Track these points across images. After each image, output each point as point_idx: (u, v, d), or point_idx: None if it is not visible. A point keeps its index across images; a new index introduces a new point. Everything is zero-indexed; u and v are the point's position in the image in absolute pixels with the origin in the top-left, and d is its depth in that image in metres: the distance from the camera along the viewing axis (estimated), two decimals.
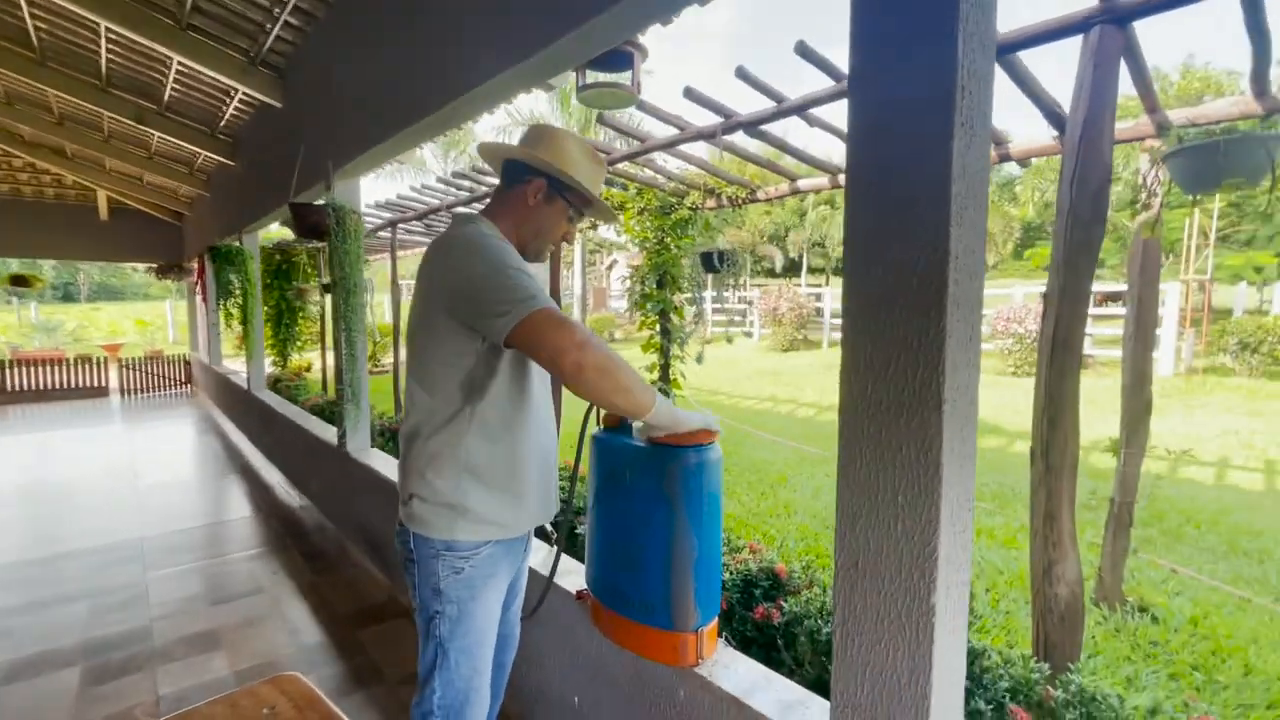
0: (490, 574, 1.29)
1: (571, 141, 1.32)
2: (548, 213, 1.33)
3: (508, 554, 1.33)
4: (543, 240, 1.35)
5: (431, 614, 1.27)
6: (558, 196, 1.32)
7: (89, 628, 2.71)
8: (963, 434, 0.91)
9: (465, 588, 1.26)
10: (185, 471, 5.47)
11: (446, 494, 1.24)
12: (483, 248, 1.16)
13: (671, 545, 1.28)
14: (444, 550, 1.25)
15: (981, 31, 0.87)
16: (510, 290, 1.10)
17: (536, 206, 1.31)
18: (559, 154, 1.29)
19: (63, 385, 9.75)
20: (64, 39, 4.41)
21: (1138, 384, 2.62)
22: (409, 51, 2.53)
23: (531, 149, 1.30)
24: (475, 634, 1.29)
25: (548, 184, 1.30)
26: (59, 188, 9.04)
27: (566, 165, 1.29)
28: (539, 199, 1.31)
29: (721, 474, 1.36)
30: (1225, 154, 1.60)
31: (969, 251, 0.88)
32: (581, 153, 1.32)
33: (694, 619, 1.29)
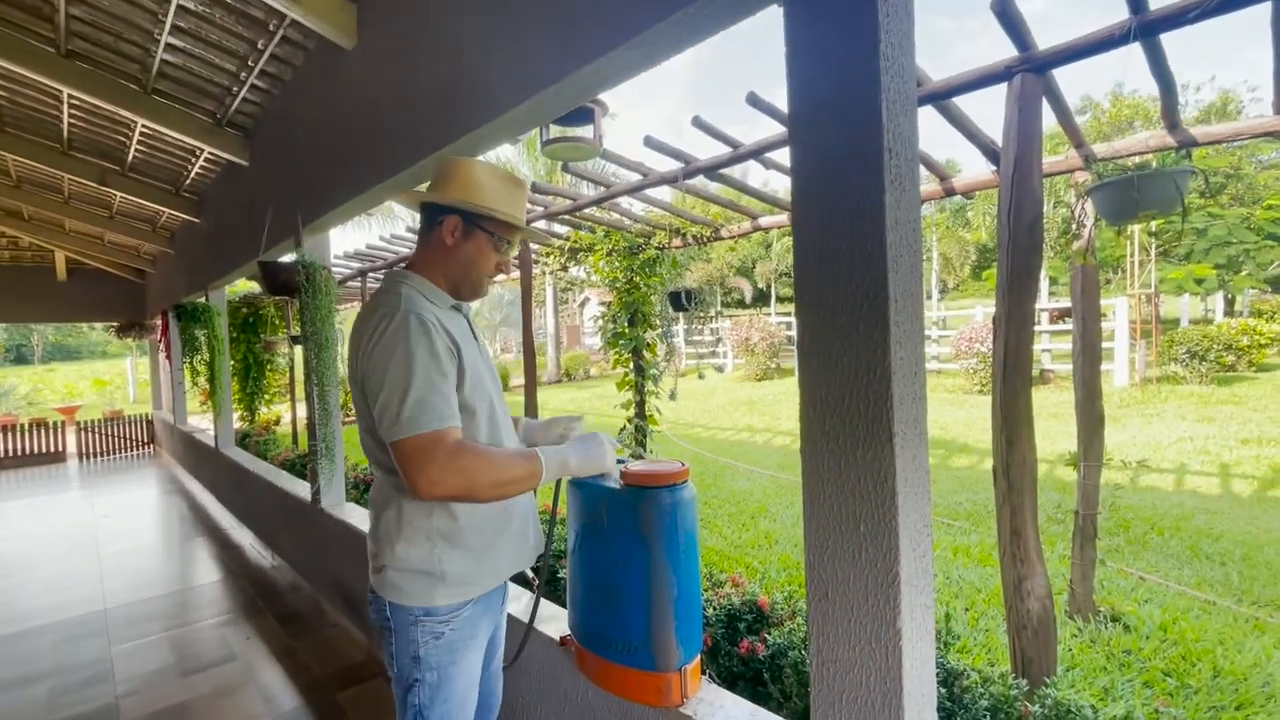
0: (471, 635, 1.27)
1: (479, 169, 1.29)
2: (470, 248, 1.29)
3: (487, 611, 1.31)
4: (473, 277, 1.31)
5: (411, 682, 1.23)
6: (475, 229, 1.28)
7: (51, 710, 2.58)
8: (915, 462, 0.98)
9: (446, 652, 1.23)
10: (150, 536, 5.28)
11: (420, 563, 1.21)
12: (397, 342, 1.12)
13: (650, 585, 1.31)
14: (422, 616, 1.22)
15: (903, 97, 0.97)
16: (401, 402, 1.09)
17: (456, 245, 1.29)
18: (467, 186, 1.27)
19: (17, 452, 9.35)
20: (24, 105, 4.41)
21: (1089, 398, 2.75)
22: (376, 111, 2.61)
23: (439, 187, 1.28)
24: (456, 699, 1.26)
25: (461, 219, 1.28)
26: (15, 250, 8.85)
27: (475, 195, 1.26)
28: (456, 236, 1.28)
29: (696, 511, 1.40)
30: (1139, 188, 1.74)
31: (907, 295, 0.96)
32: (492, 178, 1.29)
33: (676, 658, 1.32)
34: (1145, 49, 1.89)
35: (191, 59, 3.47)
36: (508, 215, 1.29)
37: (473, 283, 1.32)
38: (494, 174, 1.30)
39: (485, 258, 1.31)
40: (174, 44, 3.32)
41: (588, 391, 15.05)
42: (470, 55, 2.02)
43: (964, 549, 3.90)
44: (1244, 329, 9.90)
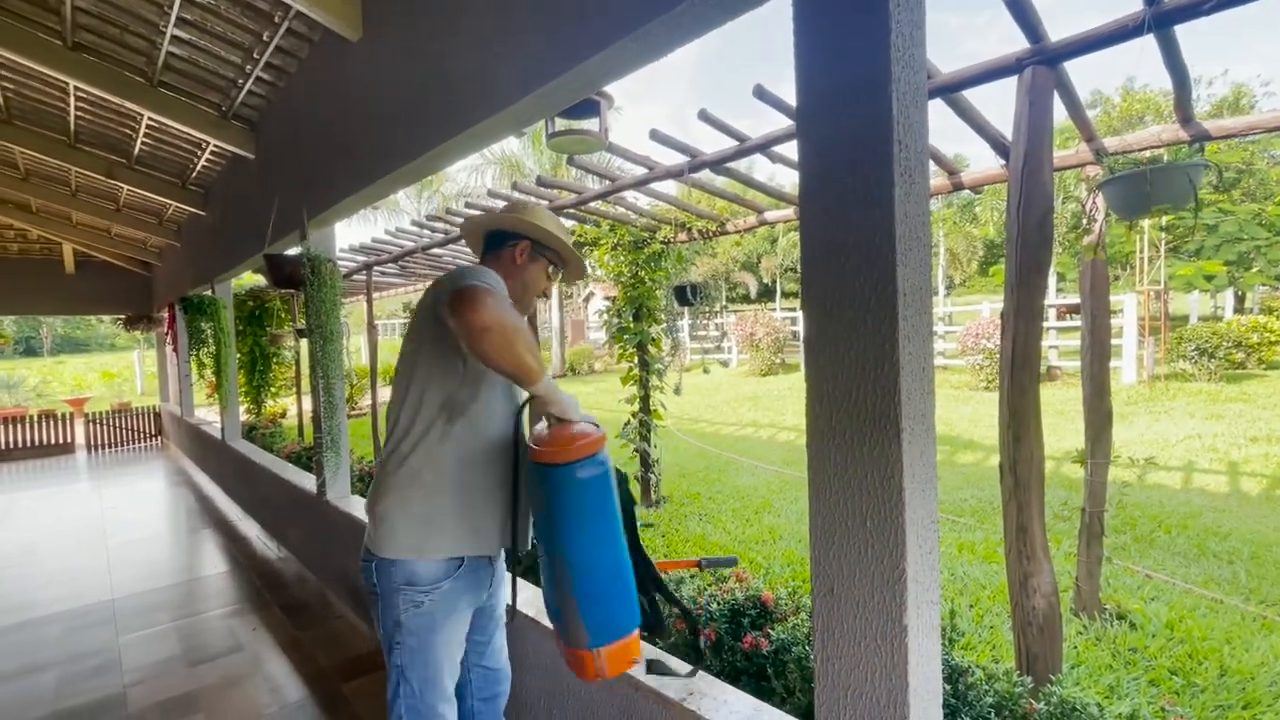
0: (451, 608, 1.37)
1: (544, 211, 1.59)
2: (532, 269, 1.55)
3: (469, 588, 1.40)
4: (529, 294, 1.57)
5: (393, 644, 1.36)
6: (540, 255, 1.56)
7: (59, 698, 2.61)
8: (922, 458, 0.97)
9: (426, 619, 1.34)
10: (158, 527, 5.31)
11: (418, 507, 1.34)
12: (473, 268, 1.34)
13: (550, 563, 1.27)
14: (404, 585, 1.33)
15: (913, 89, 0.95)
16: (464, 278, 1.25)
17: (522, 265, 1.54)
18: (538, 220, 1.54)
19: (26, 443, 9.43)
20: (31, 98, 4.42)
21: (1098, 395, 2.72)
22: (382, 103, 2.60)
23: (518, 218, 1.53)
24: (435, 665, 1.36)
25: (531, 245, 1.54)
26: (23, 242, 8.90)
27: (553, 230, 1.54)
28: (524, 258, 1.54)
29: (608, 488, 1.29)
30: (1152, 182, 1.72)
31: (916, 289, 0.95)
32: (553, 222, 1.57)
33: (583, 638, 1.24)
34: (1159, 41, 1.87)
35: (197, 51, 3.46)
36: (568, 250, 1.59)
37: (527, 299, 1.58)
38: (554, 218, 1.62)
39: (539, 280, 1.59)
40: (179, 36, 3.32)
41: (592, 386, 15.05)
42: (474, 48, 2.01)
43: (969, 545, 3.88)
44: (1254, 326, 9.81)
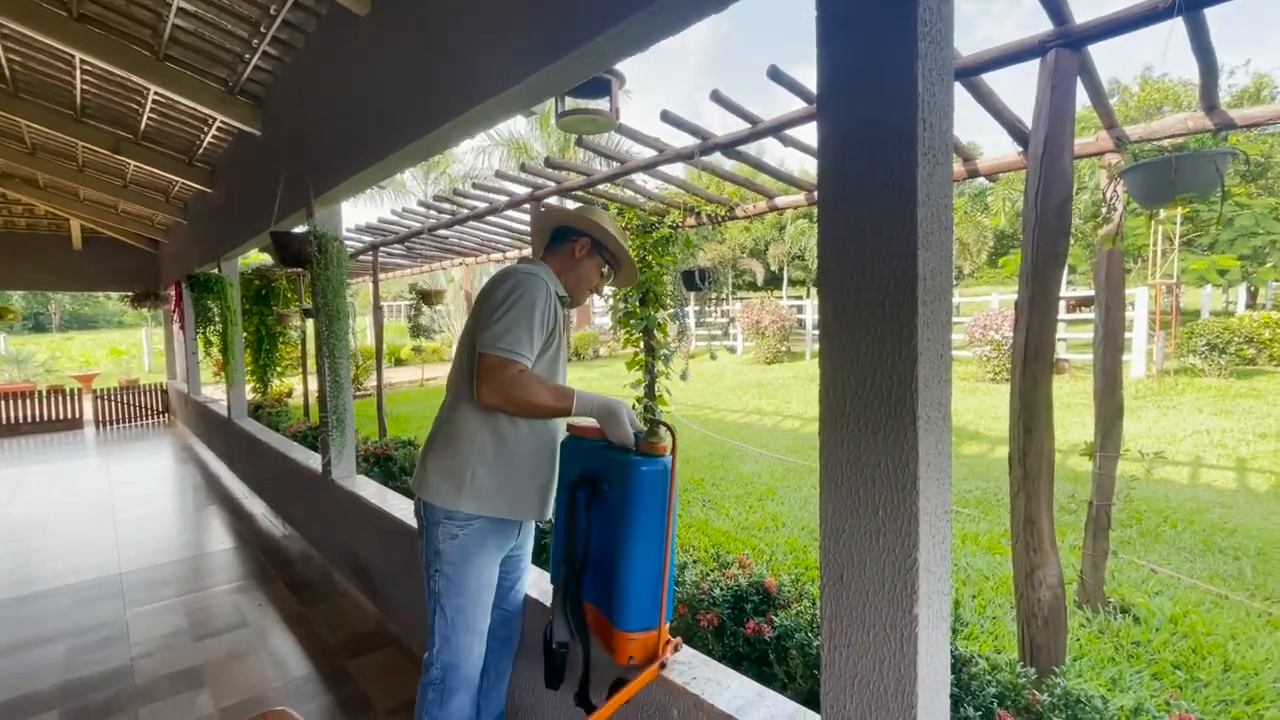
0: (482, 545, 1.54)
1: (607, 216, 1.75)
2: (589, 265, 1.72)
3: (498, 532, 1.57)
4: (583, 287, 1.74)
5: (432, 572, 1.54)
6: (596, 253, 1.72)
7: (68, 669, 2.64)
8: (938, 447, 0.95)
9: (460, 552, 1.52)
10: (165, 503, 5.36)
11: (457, 468, 1.52)
12: (526, 292, 1.49)
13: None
14: (444, 518, 1.52)
15: (939, 65, 0.92)
16: (501, 329, 1.45)
17: (581, 259, 1.70)
18: (598, 221, 1.70)
19: (35, 418, 9.52)
20: (37, 70, 4.39)
21: (1109, 388, 2.69)
22: (391, 80, 2.56)
23: (585, 218, 1.70)
24: (469, 595, 1.53)
25: (591, 242, 1.70)
26: (30, 218, 8.91)
27: (604, 231, 1.69)
28: (584, 253, 1.70)
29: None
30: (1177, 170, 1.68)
31: (936, 274, 0.92)
32: (614, 226, 1.73)
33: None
34: (1188, 24, 1.81)
35: (203, 24, 3.42)
36: (623, 254, 1.76)
37: (581, 292, 1.74)
38: (617, 226, 1.80)
39: (593, 276, 1.74)
40: (185, 8, 3.27)
41: (597, 371, 15.06)
42: (484, 23, 1.97)
43: (973, 536, 3.88)
44: (1266, 321, 9.70)
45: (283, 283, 7.52)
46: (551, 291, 1.58)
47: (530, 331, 1.48)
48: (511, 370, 1.44)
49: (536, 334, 1.49)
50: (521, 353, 1.45)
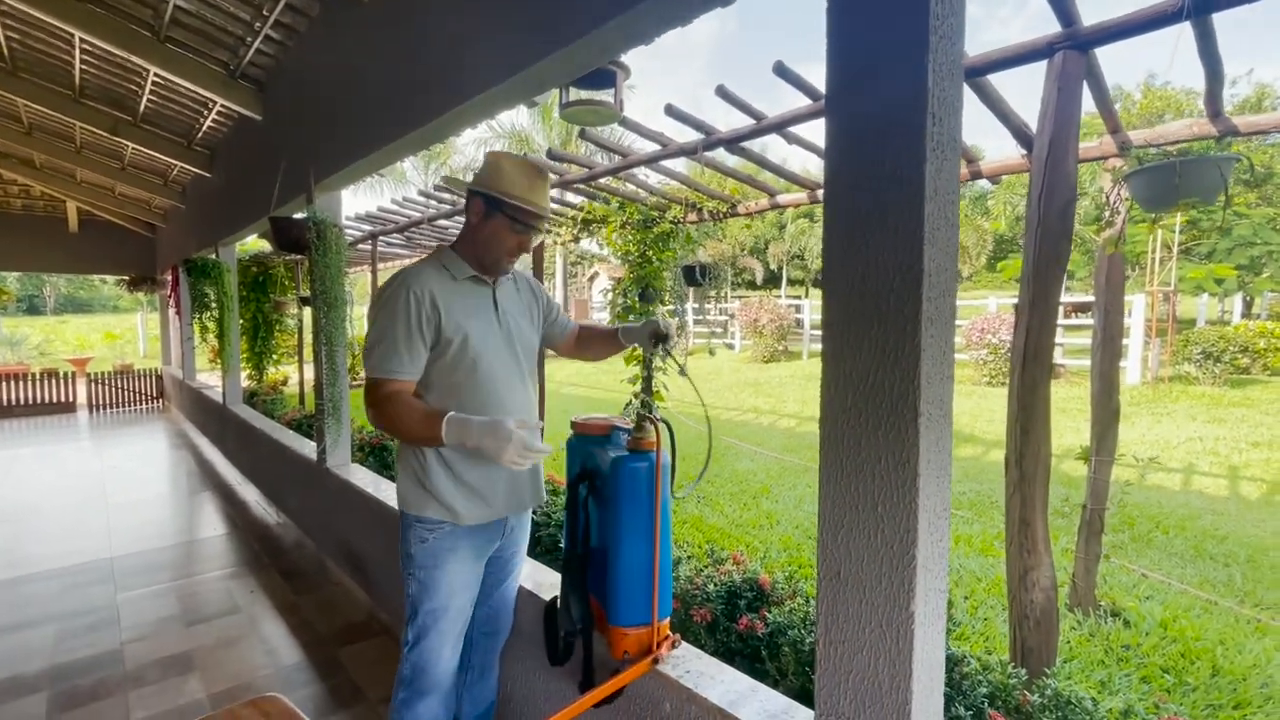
0: (452, 549, 1.47)
1: (505, 160, 1.48)
2: (489, 227, 1.48)
3: (473, 534, 1.50)
4: (492, 254, 1.50)
5: (406, 575, 1.50)
6: (495, 211, 1.46)
7: (57, 652, 2.63)
8: (939, 445, 0.95)
9: (431, 556, 1.47)
10: (157, 489, 5.34)
11: (419, 476, 1.47)
12: (385, 299, 1.41)
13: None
14: (415, 522, 1.48)
15: (950, 60, 0.91)
16: (369, 346, 1.41)
17: (479, 224, 1.49)
18: (492, 174, 1.46)
19: (27, 401, 9.46)
20: (36, 49, 4.35)
21: (1106, 392, 2.70)
22: (393, 66, 2.54)
23: (478, 175, 1.49)
24: (441, 599, 1.47)
25: (483, 201, 1.47)
26: (27, 198, 8.84)
27: (498, 182, 1.44)
28: (479, 217, 1.48)
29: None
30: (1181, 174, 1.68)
31: (941, 270, 0.92)
32: (516, 168, 1.47)
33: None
34: (1196, 29, 1.80)
35: (205, 6, 3.39)
36: (522, 200, 1.45)
37: (492, 259, 1.51)
38: (519, 165, 1.48)
39: (501, 237, 1.48)
40: None
41: (594, 365, 15.04)
42: (487, 10, 1.95)
43: (965, 538, 3.89)
44: (1261, 331, 9.74)
45: (280, 270, 7.49)
46: (423, 287, 1.41)
47: (397, 342, 1.37)
48: (380, 392, 1.37)
49: (410, 340, 1.38)
50: (391, 369, 1.37)
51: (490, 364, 1.48)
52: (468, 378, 1.46)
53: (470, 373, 1.46)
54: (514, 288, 1.65)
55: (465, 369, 1.45)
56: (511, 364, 1.55)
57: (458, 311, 1.45)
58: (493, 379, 1.49)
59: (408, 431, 1.38)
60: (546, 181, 1.52)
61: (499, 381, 1.50)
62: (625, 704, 1.48)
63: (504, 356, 1.53)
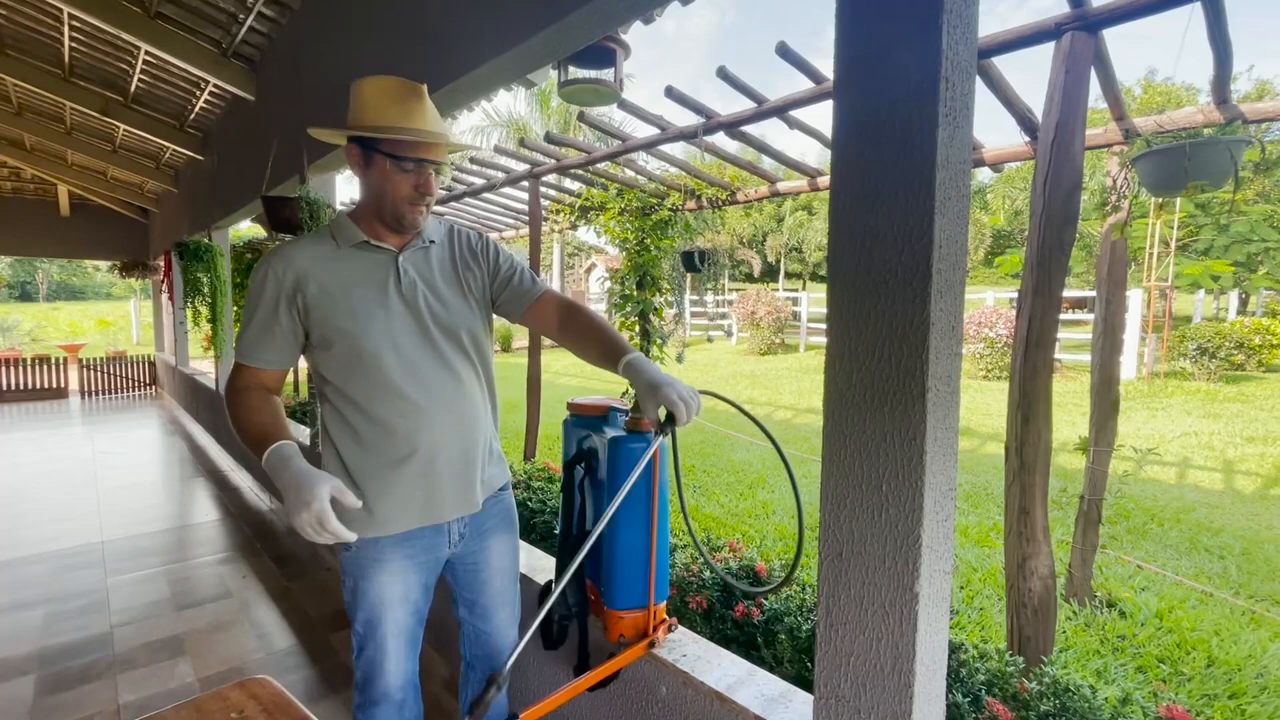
0: (376, 559, 1.27)
1: (366, 87, 1.20)
2: (374, 175, 1.21)
3: (403, 543, 1.28)
4: (391, 205, 1.22)
5: (341, 581, 1.34)
6: (372, 154, 1.19)
7: (46, 635, 2.60)
8: (946, 422, 0.92)
9: (356, 566, 1.29)
10: (150, 474, 5.30)
11: None
12: (251, 286, 1.23)
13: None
14: None
15: (964, 24, 0.88)
16: (238, 336, 1.24)
17: (363, 174, 1.23)
18: (354, 108, 1.21)
19: (19, 386, 9.38)
20: (23, 25, 4.26)
21: (1106, 384, 2.68)
22: (387, 44, 2.49)
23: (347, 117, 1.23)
24: (369, 610, 1.29)
25: (358, 146, 1.20)
26: (17, 181, 8.73)
27: (361, 116, 1.18)
28: (360, 165, 1.22)
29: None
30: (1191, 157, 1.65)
31: (952, 241, 0.89)
32: (380, 94, 1.19)
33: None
34: (1207, 10, 1.77)
35: None
36: (397, 130, 1.16)
37: (392, 212, 1.23)
38: (383, 89, 1.19)
39: (393, 182, 1.20)
40: None
41: None
42: None
43: (962, 529, 3.88)
44: (1257, 328, 9.76)
45: None
46: (287, 264, 1.20)
47: (253, 327, 1.20)
48: (233, 381, 1.22)
49: (267, 327, 1.20)
50: (246, 355, 1.21)
51: (386, 353, 1.21)
52: (355, 371, 1.21)
53: (356, 364, 1.21)
54: (439, 251, 1.33)
55: (351, 360, 1.21)
56: (425, 350, 1.25)
57: (334, 289, 1.20)
58: (388, 380, 1.21)
59: (245, 439, 1.19)
60: (424, 99, 1.22)
61: (405, 375, 1.22)
62: (621, 688, 1.46)
63: (412, 340, 1.24)
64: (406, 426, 1.23)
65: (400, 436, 1.23)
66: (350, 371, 1.22)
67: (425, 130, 1.19)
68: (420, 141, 1.18)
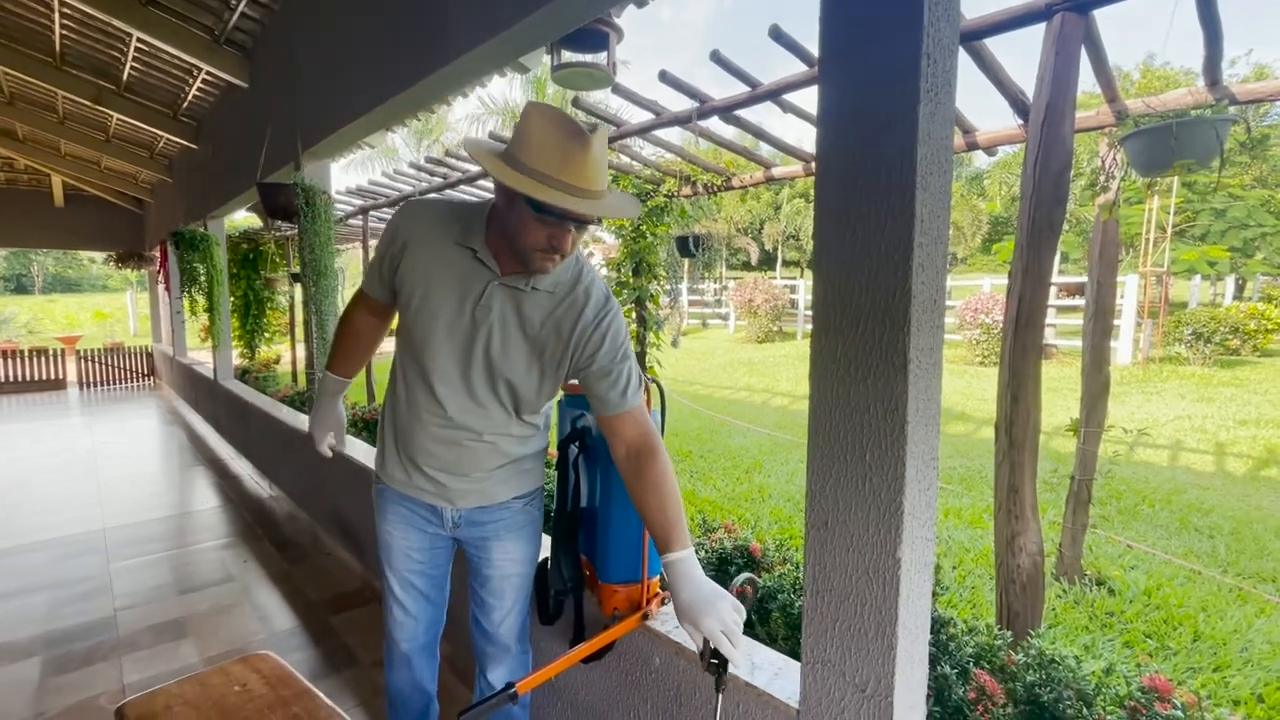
0: (382, 506, 1.43)
1: (537, 121, 1.04)
2: (512, 217, 1.10)
3: (401, 501, 1.40)
4: (520, 248, 1.12)
5: None
6: (515, 197, 1.07)
7: (50, 619, 2.64)
8: (927, 393, 0.94)
9: (376, 501, 1.46)
10: (149, 463, 5.33)
11: (380, 418, 1.49)
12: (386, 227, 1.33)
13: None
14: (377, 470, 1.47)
15: (946, 1, 0.89)
16: None
17: (504, 210, 1.12)
18: (516, 137, 1.06)
19: (16, 378, 9.39)
20: (13, 12, 4.23)
21: (1096, 365, 2.71)
22: (379, 27, 2.49)
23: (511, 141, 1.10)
24: (382, 549, 1.46)
25: (503, 189, 1.10)
26: (10, 172, 8.68)
27: (520, 152, 1.04)
28: (502, 195, 1.13)
29: None
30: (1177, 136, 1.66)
31: (934, 216, 0.91)
32: (547, 135, 1.03)
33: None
34: None
35: None
36: (544, 192, 1.02)
37: (520, 255, 1.13)
38: (547, 127, 1.03)
39: (527, 231, 1.09)
40: None
41: None
42: None
43: (955, 511, 3.93)
44: (1252, 313, 9.80)
45: (271, 247, 7.40)
46: (408, 230, 1.22)
47: (371, 260, 1.48)
48: (352, 299, 1.47)
49: (374, 262, 1.33)
50: (365, 285, 1.40)
51: (430, 351, 1.24)
52: (408, 348, 1.30)
53: (409, 345, 1.28)
54: (542, 301, 1.22)
55: (407, 337, 1.29)
56: (459, 370, 1.24)
57: (424, 272, 1.21)
58: (420, 373, 1.27)
59: (329, 349, 1.53)
60: (589, 149, 1.04)
61: (437, 374, 1.25)
62: (615, 659, 1.49)
63: (454, 356, 1.23)
64: (414, 414, 1.33)
65: (409, 415, 1.34)
66: (407, 344, 1.31)
67: (577, 190, 1.04)
68: (567, 211, 1.05)
